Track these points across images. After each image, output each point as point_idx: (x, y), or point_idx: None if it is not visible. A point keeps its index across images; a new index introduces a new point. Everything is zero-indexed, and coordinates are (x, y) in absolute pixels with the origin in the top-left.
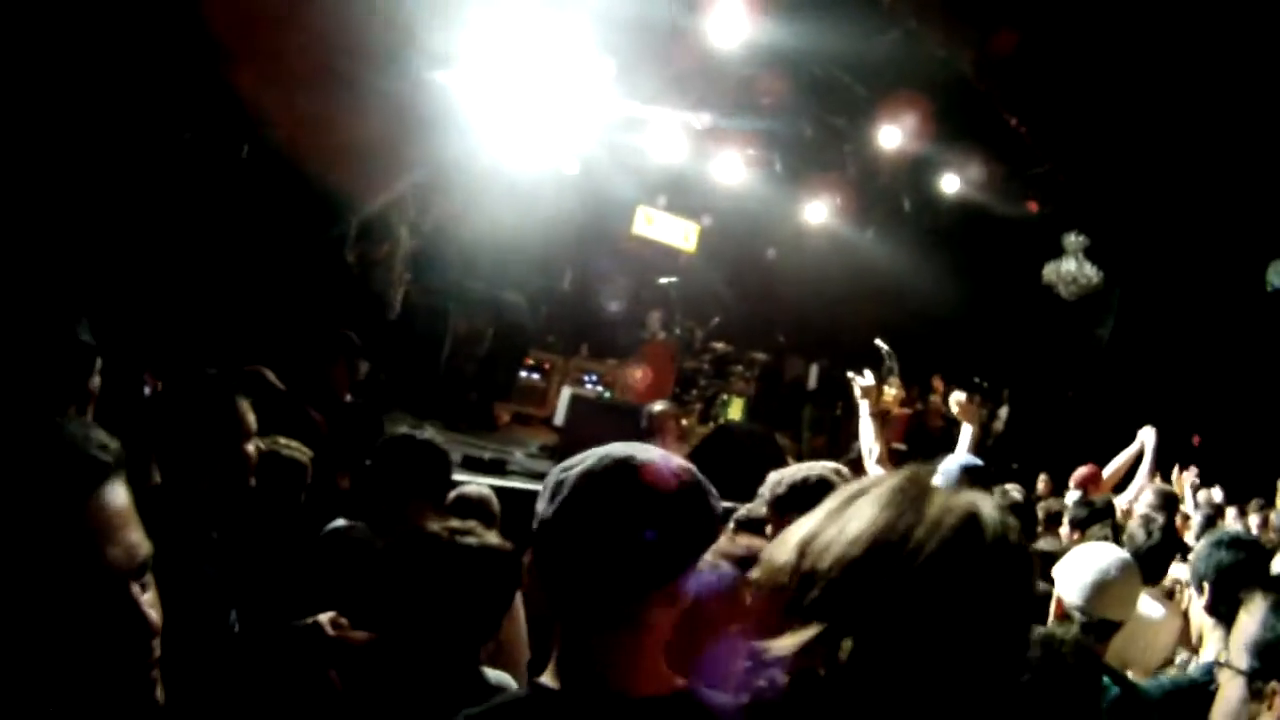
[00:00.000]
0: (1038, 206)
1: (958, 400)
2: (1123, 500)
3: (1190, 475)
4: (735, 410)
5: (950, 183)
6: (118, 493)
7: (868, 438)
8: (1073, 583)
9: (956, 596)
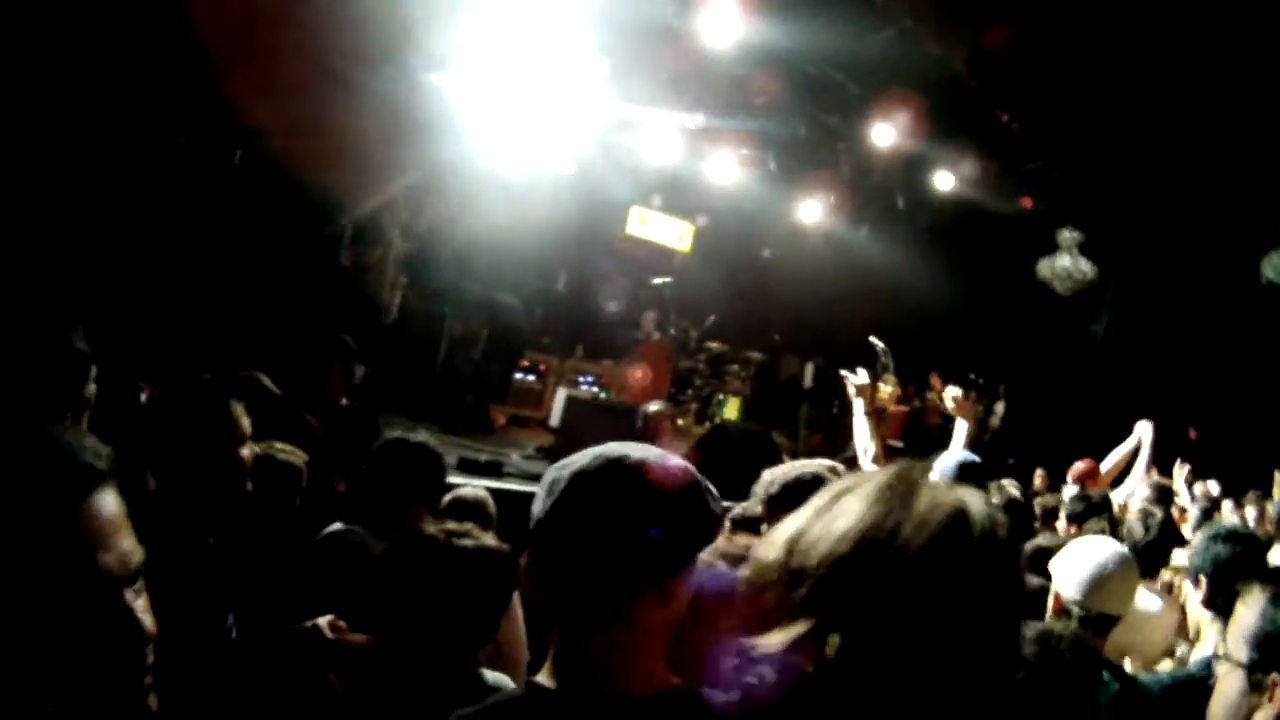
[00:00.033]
0: (1032, 203)
1: (953, 396)
2: (1119, 495)
3: (1184, 470)
4: (731, 410)
5: (944, 180)
6: (110, 500)
7: (862, 436)
8: (1070, 577)
9: (944, 592)
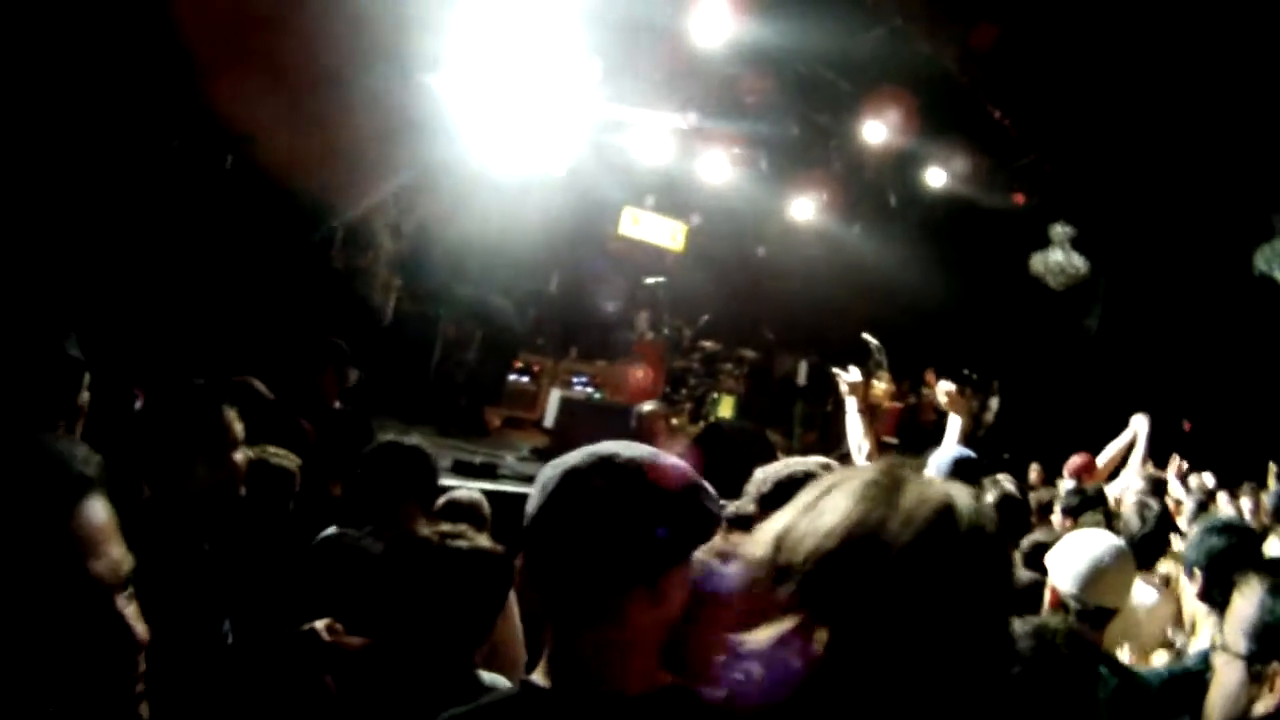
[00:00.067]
0: (1024, 198)
1: (946, 391)
2: (1115, 489)
3: (1178, 463)
4: (726, 408)
5: (936, 177)
6: (100, 508)
7: (856, 434)
8: (1067, 571)
9: (931, 587)
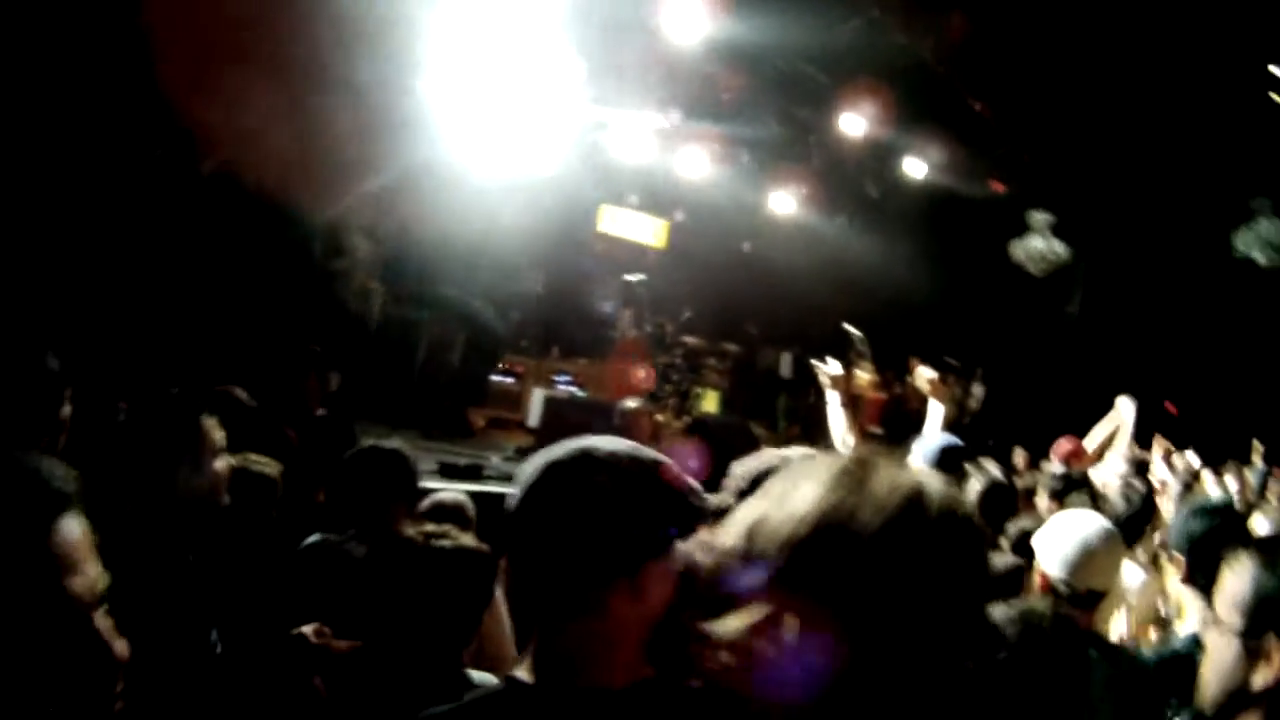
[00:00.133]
0: (1003, 187)
1: (928, 379)
2: (1098, 473)
3: (1162, 445)
4: (710, 403)
5: (916, 167)
6: (77, 525)
7: (839, 427)
8: (1055, 554)
9: (903, 573)
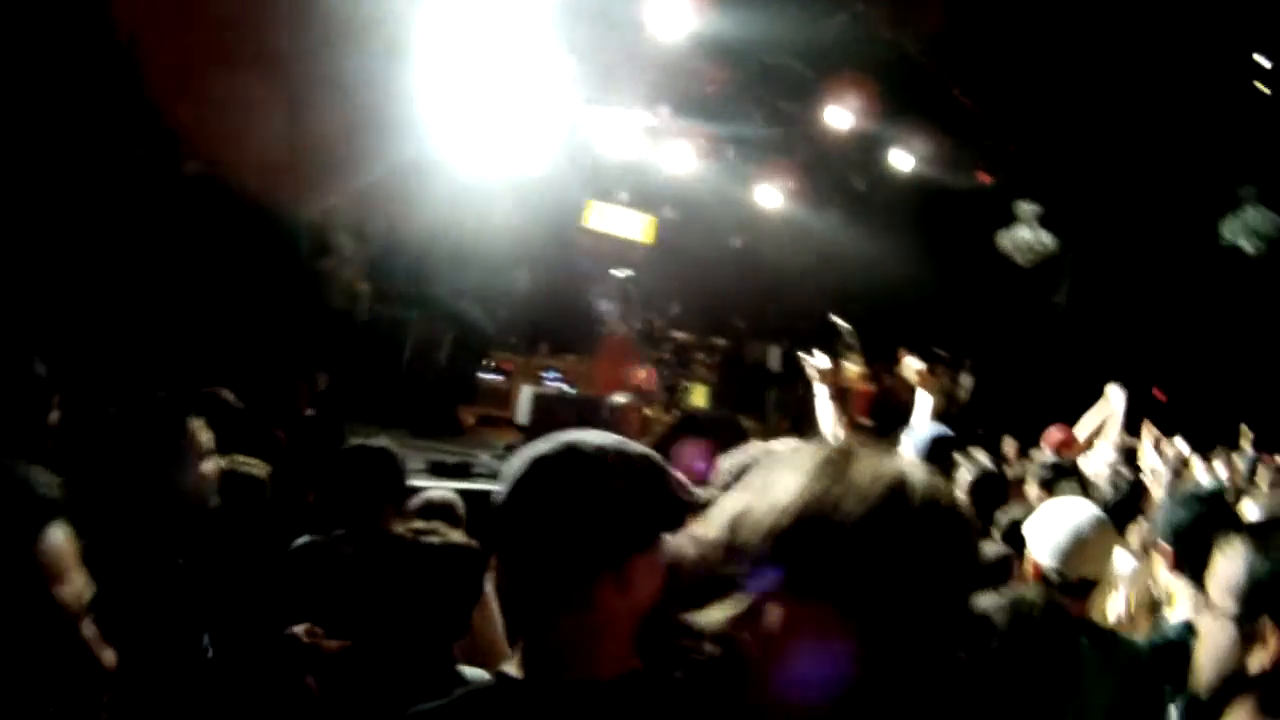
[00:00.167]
0: (989, 178)
1: (917, 370)
2: (1088, 461)
3: (1150, 431)
4: (699, 397)
5: (903, 160)
6: (63, 534)
7: (827, 420)
8: (1046, 543)
9: (886, 561)
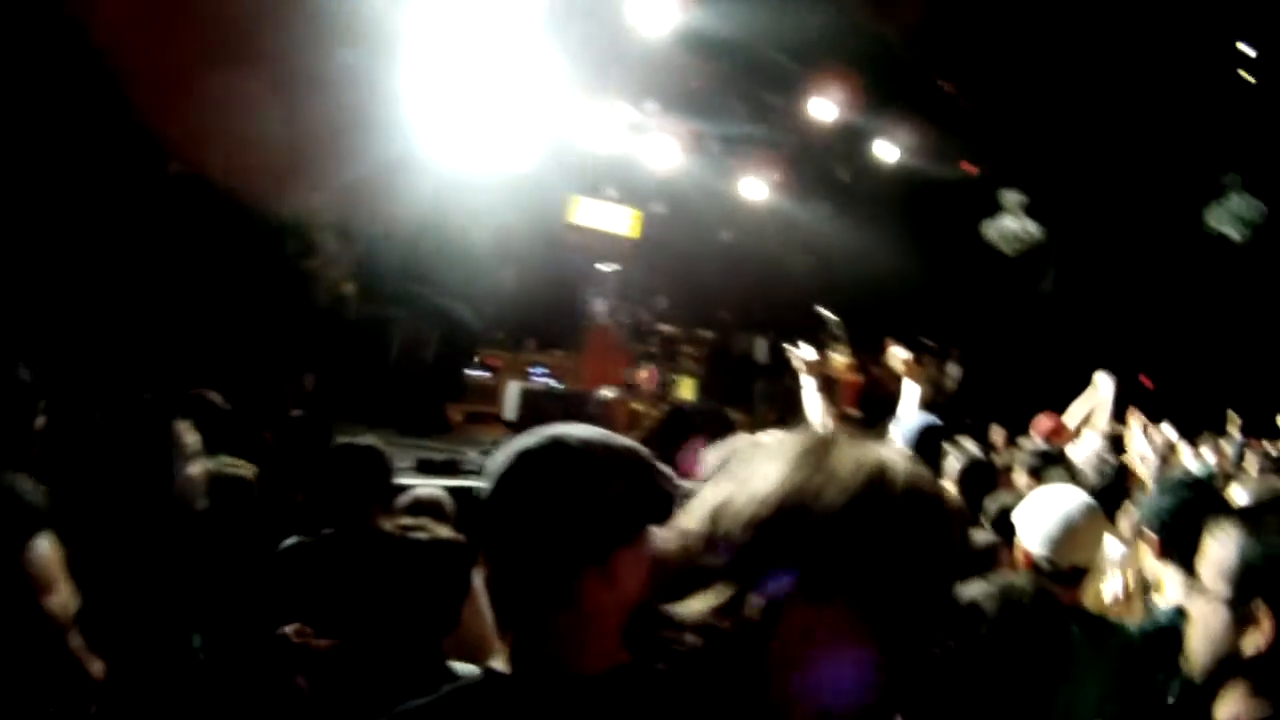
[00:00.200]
0: (974, 168)
1: (903, 359)
2: (1076, 449)
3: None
4: (686, 390)
5: (888, 151)
6: (49, 544)
7: (815, 412)
8: (1036, 531)
9: (867, 550)
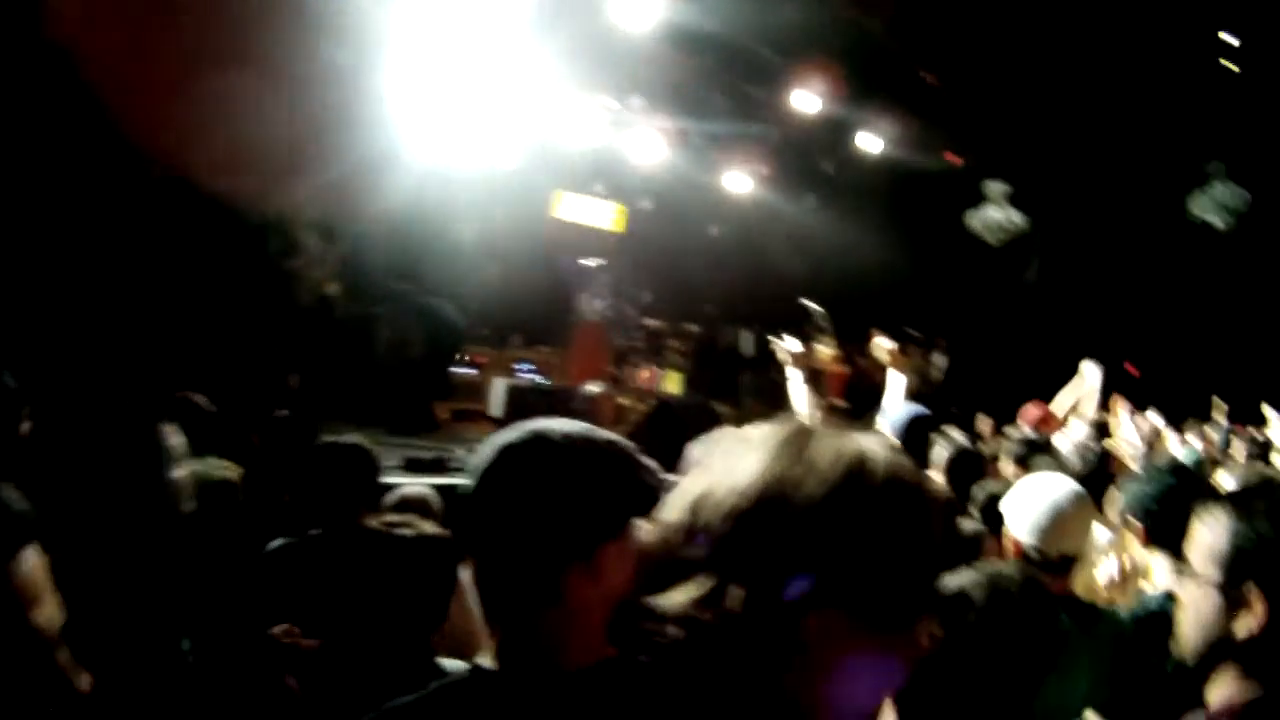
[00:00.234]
0: (958, 158)
1: (888, 349)
2: (1061, 438)
3: (1124, 406)
4: (673, 384)
5: (871, 143)
6: (35, 558)
7: (801, 404)
8: (1025, 520)
9: (848, 542)
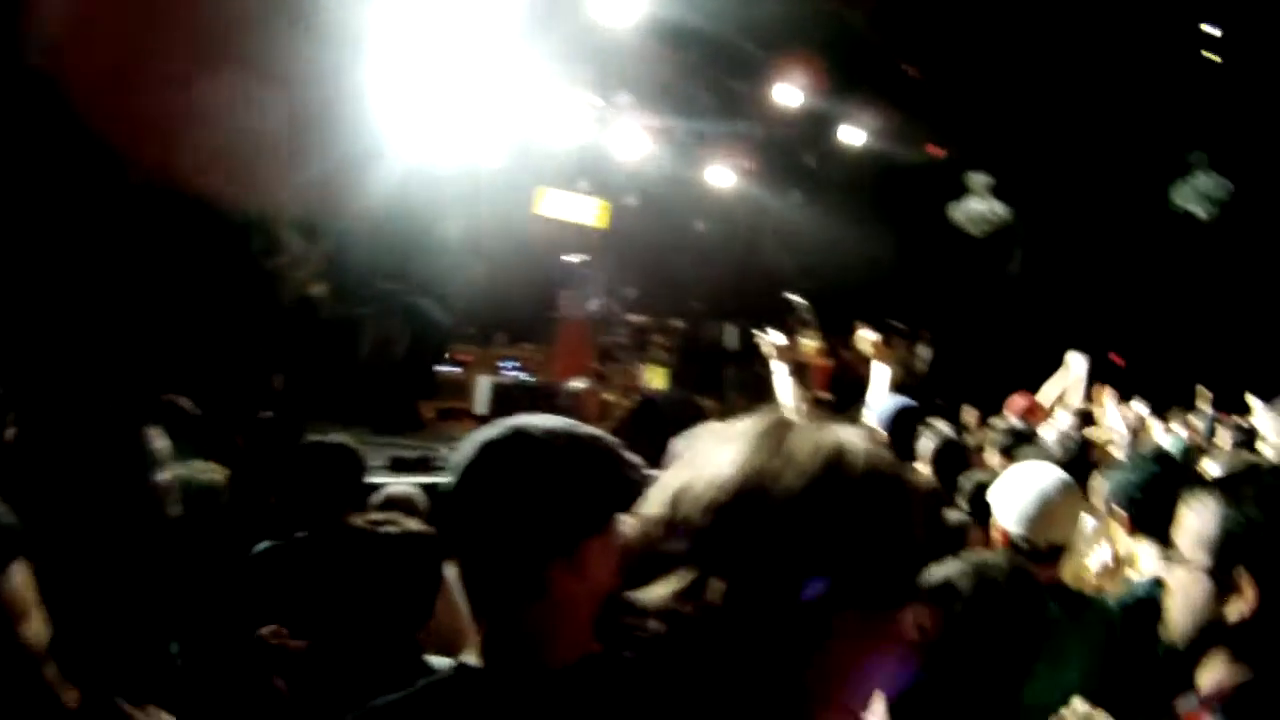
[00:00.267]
0: (940, 150)
1: (871, 341)
2: (1047, 428)
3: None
4: (657, 379)
5: (854, 135)
6: (23, 573)
7: (787, 397)
8: (1012, 509)
9: (827, 534)
